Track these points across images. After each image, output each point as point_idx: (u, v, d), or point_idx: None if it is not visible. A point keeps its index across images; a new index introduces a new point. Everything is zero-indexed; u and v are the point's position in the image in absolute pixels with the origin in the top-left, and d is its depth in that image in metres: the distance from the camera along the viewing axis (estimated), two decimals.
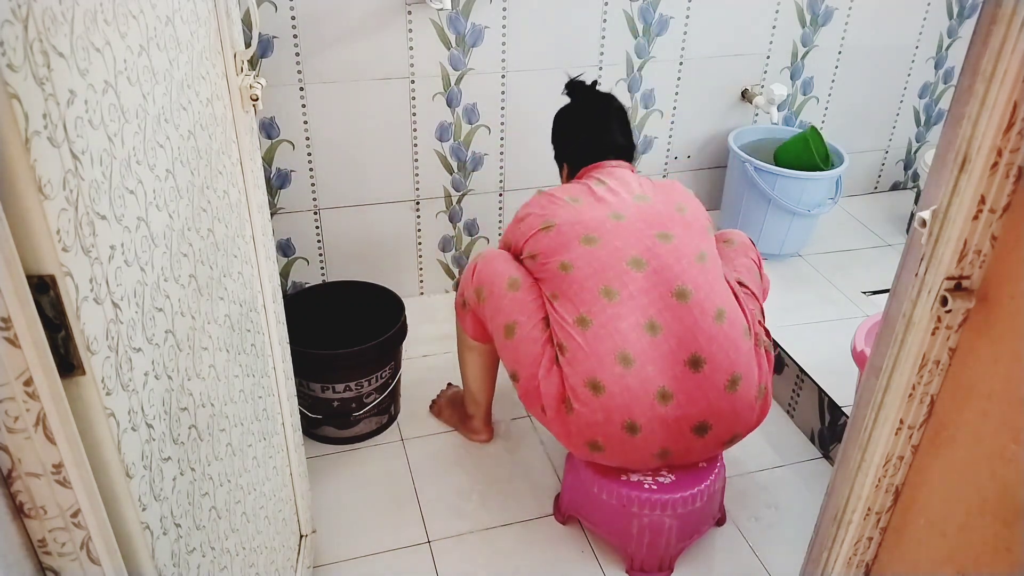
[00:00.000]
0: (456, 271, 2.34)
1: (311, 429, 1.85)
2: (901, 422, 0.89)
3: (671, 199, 1.55)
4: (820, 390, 1.86)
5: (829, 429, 1.84)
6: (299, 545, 1.47)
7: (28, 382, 0.52)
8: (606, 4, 2.06)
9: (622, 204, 1.52)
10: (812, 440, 1.90)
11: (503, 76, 2.08)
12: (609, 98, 1.74)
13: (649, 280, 1.43)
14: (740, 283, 1.59)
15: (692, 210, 1.55)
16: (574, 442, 1.47)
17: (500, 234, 2.32)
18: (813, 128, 2.30)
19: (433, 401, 1.97)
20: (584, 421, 1.42)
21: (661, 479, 1.50)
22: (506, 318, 1.52)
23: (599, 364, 1.40)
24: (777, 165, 2.32)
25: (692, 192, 1.63)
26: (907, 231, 1.44)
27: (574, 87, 1.76)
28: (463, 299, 1.65)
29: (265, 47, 1.86)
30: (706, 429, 1.43)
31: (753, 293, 1.60)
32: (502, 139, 2.17)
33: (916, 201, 2.60)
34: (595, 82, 1.77)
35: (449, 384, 2.00)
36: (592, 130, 1.69)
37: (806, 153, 2.26)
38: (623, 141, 1.69)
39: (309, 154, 2.03)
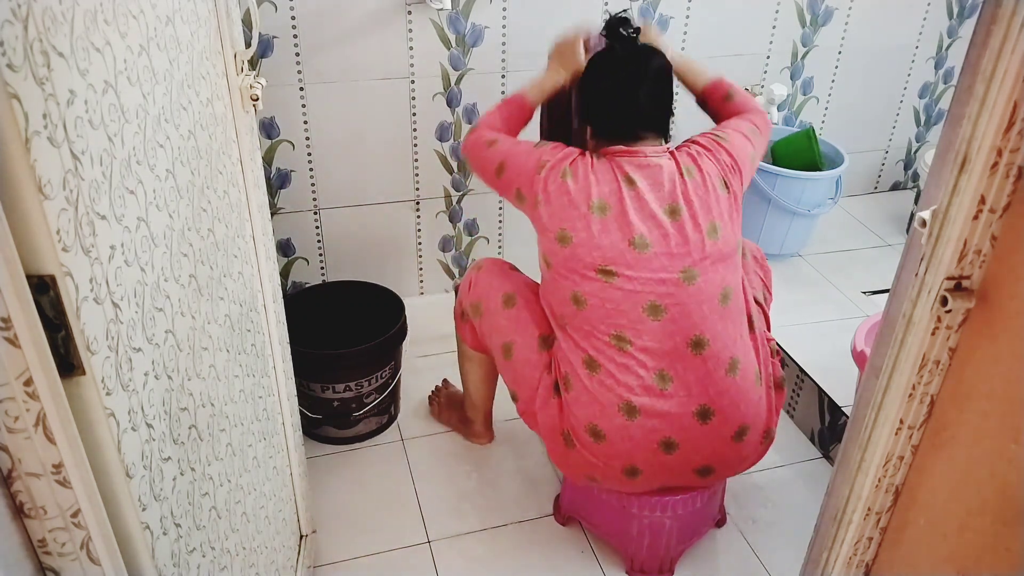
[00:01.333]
0: (456, 271, 2.34)
1: (311, 429, 1.85)
2: (901, 422, 0.89)
3: (704, 214, 1.36)
4: (820, 390, 1.86)
5: (829, 429, 1.84)
6: (299, 545, 1.47)
7: (28, 382, 0.52)
8: (606, 4, 2.06)
9: (649, 224, 1.34)
10: (812, 440, 1.90)
11: (503, 76, 2.08)
12: (646, 56, 1.44)
13: (665, 330, 1.34)
14: (756, 301, 1.53)
15: (724, 229, 1.37)
16: (572, 472, 1.46)
17: (500, 234, 2.32)
18: (811, 129, 2.30)
19: (431, 399, 1.96)
20: (583, 460, 1.40)
21: None
22: (502, 338, 1.50)
23: (602, 412, 1.35)
24: (774, 160, 2.32)
25: (740, 144, 1.45)
26: (907, 231, 1.44)
27: (613, 29, 1.50)
28: (462, 310, 1.64)
29: (265, 47, 1.86)
30: (709, 472, 1.42)
31: (764, 312, 1.57)
32: None
33: (916, 201, 2.60)
34: (637, 30, 1.49)
35: (445, 380, 2.00)
36: (620, 95, 1.42)
37: (807, 151, 2.26)
38: (654, 108, 1.43)
39: (309, 154, 2.03)
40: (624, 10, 1.54)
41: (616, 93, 1.43)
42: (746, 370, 1.39)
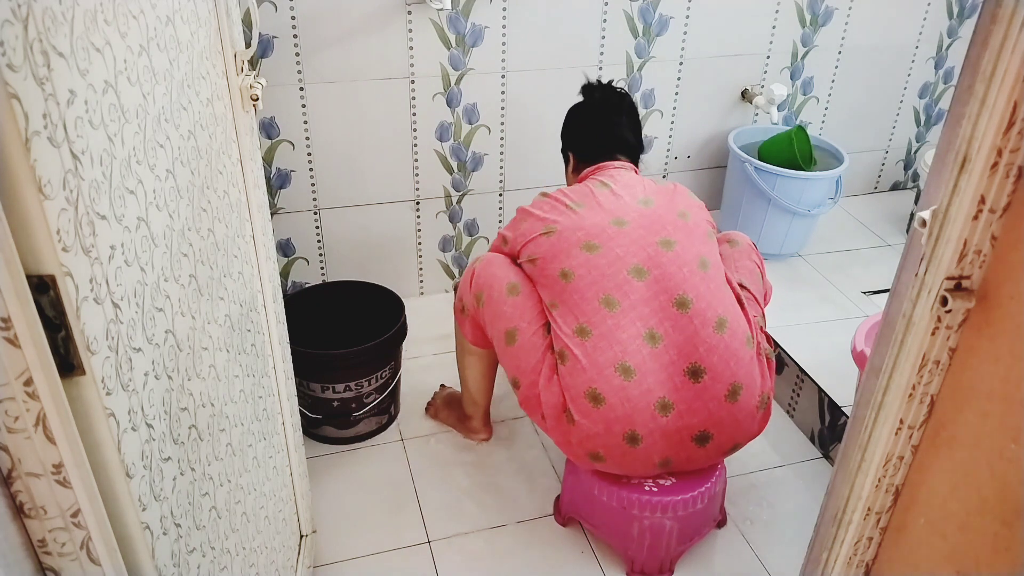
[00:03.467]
0: (456, 271, 2.34)
1: (311, 429, 1.85)
2: (901, 422, 0.89)
3: (674, 204, 1.53)
4: (820, 390, 1.86)
5: (829, 429, 1.84)
6: (299, 545, 1.47)
7: (28, 382, 0.52)
8: (606, 4, 2.06)
9: (624, 209, 1.50)
10: (812, 440, 1.90)
11: (503, 76, 2.08)
12: (622, 95, 1.74)
13: (650, 289, 1.42)
14: (742, 286, 1.58)
15: (694, 216, 1.53)
16: (575, 452, 1.46)
17: None
18: (799, 127, 2.30)
19: (428, 404, 1.96)
20: (585, 432, 1.41)
21: (662, 481, 1.50)
22: (506, 324, 1.51)
23: (599, 375, 1.38)
24: (760, 157, 2.32)
25: (696, 196, 1.62)
26: (907, 231, 1.44)
27: (590, 89, 1.76)
28: (462, 304, 1.65)
29: (265, 47, 1.86)
30: (707, 439, 1.42)
31: (755, 297, 1.60)
32: (502, 139, 2.17)
33: (916, 201, 2.60)
34: (611, 81, 1.78)
35: (442, 386, 2.00)
36: (601, 124, 1.69)
37: (789, 151, 2.26)
38: (631, 139, 1.69)
39: (309, 154, 2.03)
40: (597, 78, 1.84)
41: (598, 121, 1.70)
42: (735, 330, 1.43)
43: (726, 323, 1.42)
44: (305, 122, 1.99)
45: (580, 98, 1.78)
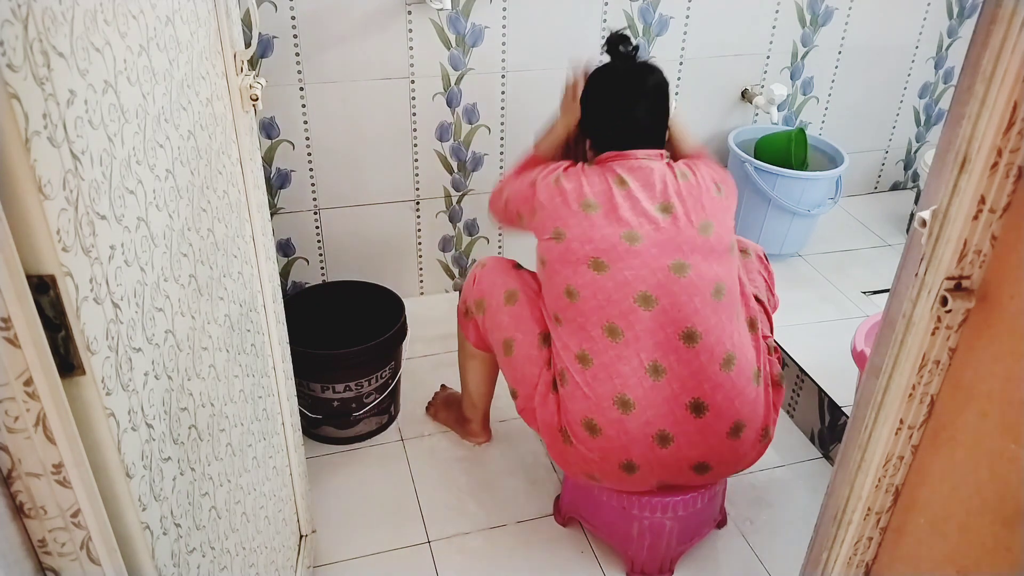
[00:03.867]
0: (456, 271, 2.34)
1: (311, 429, 1.85)
2: (901, 422, 0.89)
3: (697, 211, 1.39)
4: (820, 390, 1.86)
5: (829, 429, 1.84)
6: (299, 545, 1.47)
7: (28, 382, 0.52)
8: (606, 4, 2.06)
9: (640, 220, 1.37)
10: (812, 440, 1.90)
11: (503, 76, 2.08)
12: (645, 73, 1.49)
13: (656, 320, 1.35)
14: (756, 298, 1.53)
15: (718, 227, 1.41)
16: (571, 470, 1.47)
17: (500, 235, 2.32)
18: (800, 130, 2.30)
19: (429, 403, 1.96)
20: (581, 456, 1.41)
21: None
22: (504, 334, 1.50)
23: (596, 406, 1.36)
24: (756, 154, 2.32)
25: (719, 183, 1.47)
26: (907, 231, 1.44)
27: (614, 46, 1.51)
28: (466, 307, 1.64)
29: (265, 47, 1.86)
30: (706, 469, 1.41)
31: (767, 311, 1.56)
32: (502, 139, 2.17)
33: (916, 201, 2.60)
34: (636, 48, 1.52)
35: (443, 386, 2.00)
36: (619, 110, 1.48)
37: (785, 151, 2.26)
38: (652, 123, 1.48)
39: (309, 154, 2.03)
40: (624, 28, 1.56)
41: (615, 109, 1.48)
42: (742, 366, 1.39)
43: (734, 360, 1.37)
44: (305, 122, 1.99)
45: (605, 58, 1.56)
